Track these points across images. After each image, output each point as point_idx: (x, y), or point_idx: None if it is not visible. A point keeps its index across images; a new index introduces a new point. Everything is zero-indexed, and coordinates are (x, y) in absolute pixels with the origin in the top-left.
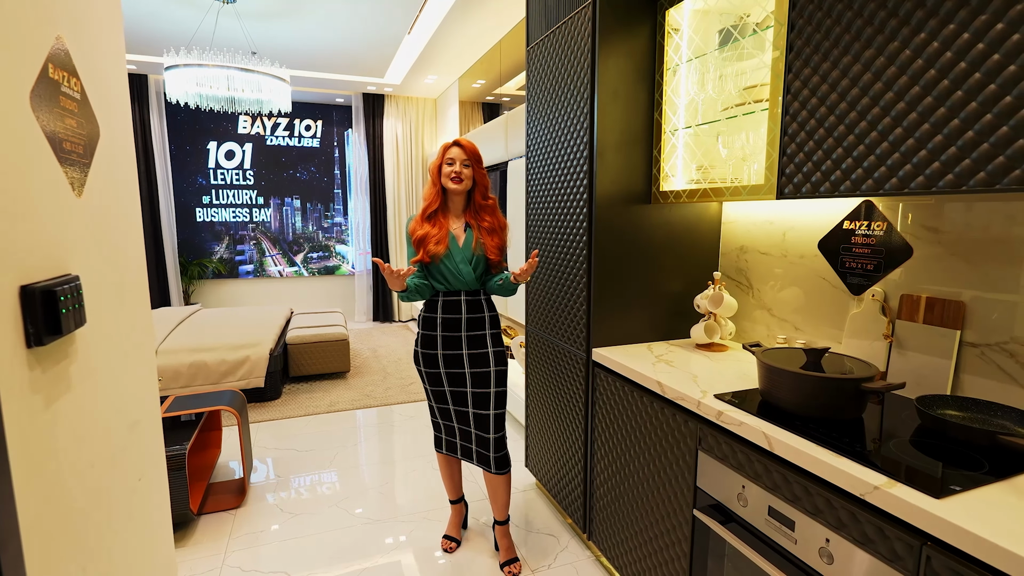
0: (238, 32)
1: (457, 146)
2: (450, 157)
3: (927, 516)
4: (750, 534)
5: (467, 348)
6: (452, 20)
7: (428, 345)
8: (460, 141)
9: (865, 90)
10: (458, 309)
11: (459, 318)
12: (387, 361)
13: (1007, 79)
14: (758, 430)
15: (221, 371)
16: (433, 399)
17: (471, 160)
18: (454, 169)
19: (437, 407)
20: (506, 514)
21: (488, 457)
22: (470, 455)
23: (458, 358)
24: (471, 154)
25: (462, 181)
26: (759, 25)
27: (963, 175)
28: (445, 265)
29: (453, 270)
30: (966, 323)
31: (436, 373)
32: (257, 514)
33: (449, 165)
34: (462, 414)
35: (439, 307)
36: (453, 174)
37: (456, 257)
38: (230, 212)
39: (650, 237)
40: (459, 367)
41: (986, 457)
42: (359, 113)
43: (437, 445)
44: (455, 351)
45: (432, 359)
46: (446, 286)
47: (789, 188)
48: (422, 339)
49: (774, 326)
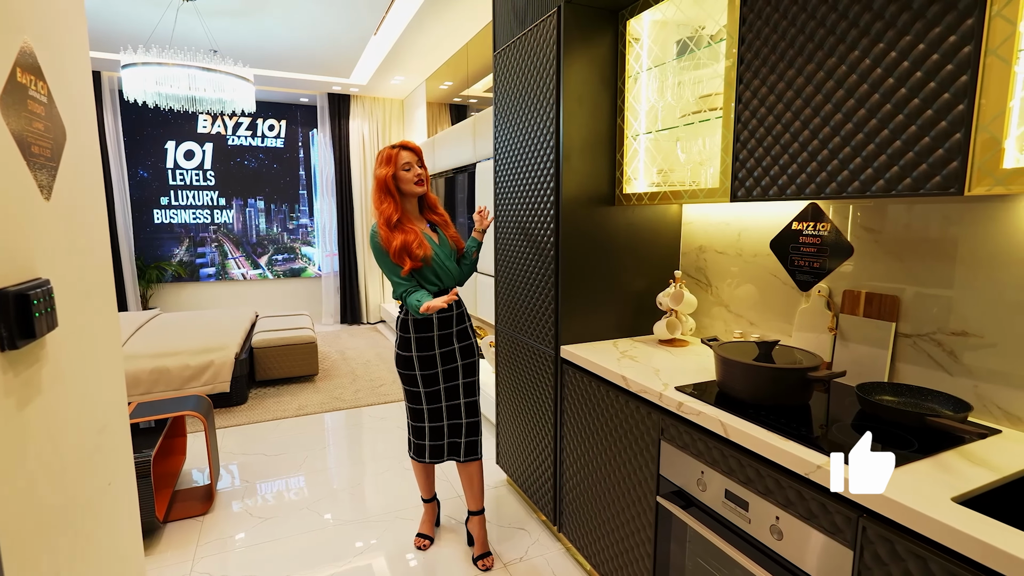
0: (198, 30)
1: (407, 150)
2: (406, 162)
3: None
4: (709, 517)
5: (458, 342)
6: (419, 22)
7: (425, 347)
8: (408, 144)
9: (807, 101)
10: (448, 308)
11: (451, 315)
12: (356, 363)
13: (927, 94)
14: (715, 419)
15: (184, 376)
16: (426, 401)
17: (421, 160)
18: (415, 173)
19: (428, 408)
20: (481, 504)
21: (471, 443)
22: (457, 449)
23: (451, 353)
24: (420, 154)
25: (423, 183)
26: (713, 37)
27: (892, 181)
28: (436, 265)
29: (444, 267)
30: (900, 316)
31: (434, 374)
32: (225, 520)
33: (407, 170)
34: (453, 408)
35: None
36: (417, 178)
37: (442, 255)
38: (190, 214)
39: (615, 238)
40: (453, 362)
41: (916, 437)
42: (324, 113)
43: (418, 454)
44: (449, 347)
45: (431, 360)
46: (438, 286)
47: (742, 192)
48: (417, 343)
49: (731, 321)
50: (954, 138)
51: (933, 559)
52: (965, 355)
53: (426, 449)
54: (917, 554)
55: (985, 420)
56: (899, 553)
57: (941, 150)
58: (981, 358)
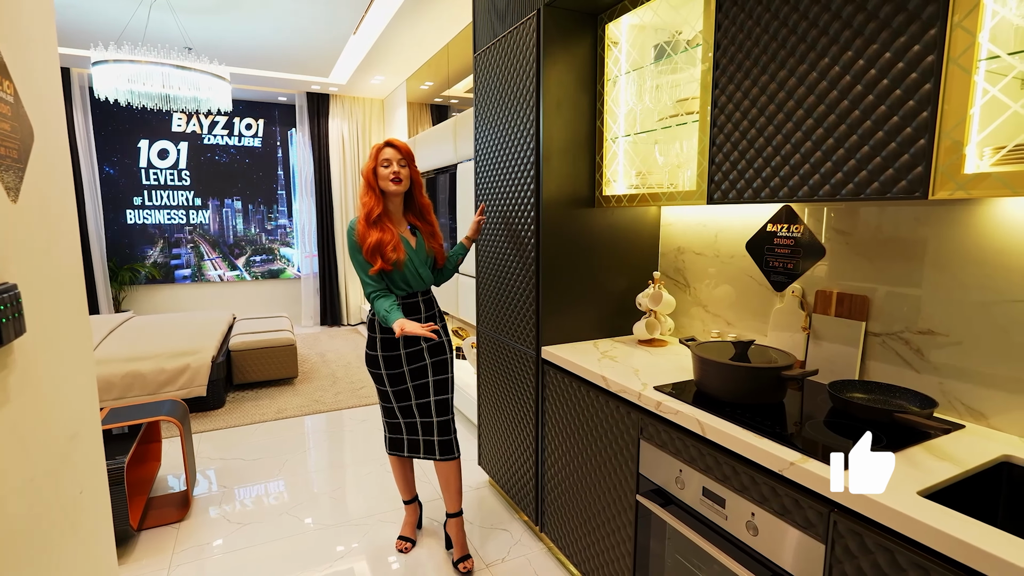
0: (172, 27)
1: (391, 147)
2: (385, 158)
3: None
4: (687, 514)
5: (426, 341)
6: (399, 22)
7: (390, 347)
8: (392, 141)
9: (780, 107)
10: (417, 310)
11: (419, 317)
12: (336, 366)
13: (894, 101)
14: (693, 417)
15: (159, 381)
16: (395, 399)
17: (406, 160)
18: (392, 170)
19: (399, 406)
20: (459, 506)
21: (445, 442)
22: (432, 448)
23: (418, 353)
24: (406, 154)
25: (401, 182)
26: (689, 43)
27: (861, 185)
28: (408, 271)
29: (415, 274)
30: (870, 315)
31: (399, 373)
32: (202, 527)
33: (385, 167)
34: (424, 406)
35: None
36: (392, 175)
37: (415, 261)
38: (164, 214)
39: (595, 239)
40: (420, 360)
41: (885, 433)
42: (303, 112)
43: (394, 447)
44: (415, 347)
45: (395, 360)
46: (406, 290)
47: (718, 194)
48: (383, 343)
49: (709, 321)
50: (919, 144)
51: (900, 551)
52: (931, 353)
53: (404, 443)
54: (885, 547)
55: (950, 416)
56: (868, 546)
57: (907, 155)
58: (946, 356)
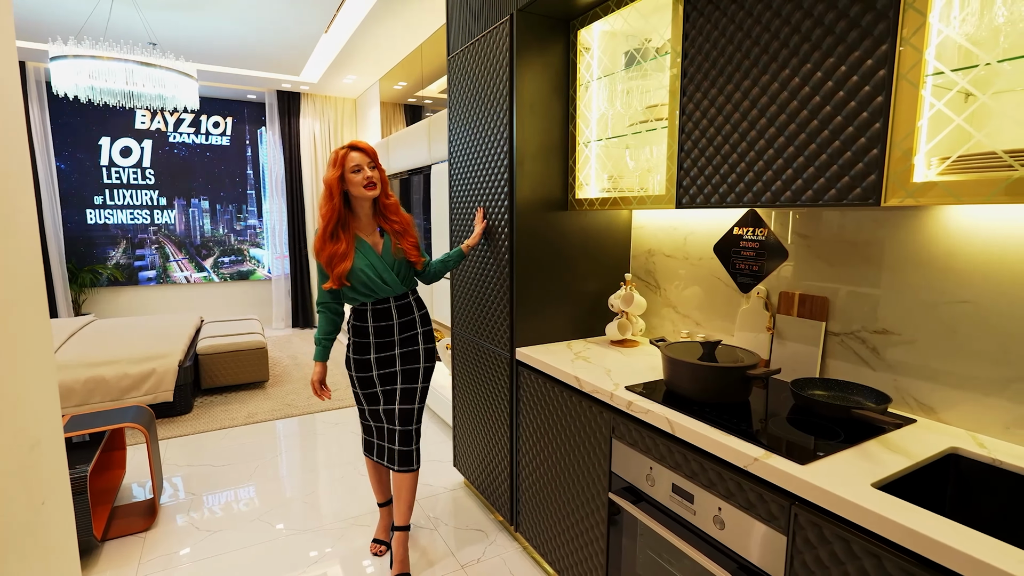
0: (135, 22)
1: (357, 151)
2: (355, 164)
3: (793, 480)
4: (658, 510)
5: (399, 348)
6: (372, 21)
7: (361, 351)
8: (357, 144)
9: (744, 115)
10: (389, 316)
11: (391, 324)
12: (309, 368)
13: (849, 112)
14: (662, 416)
15: (123, 386)
16: (364, 402)
17: (374, 161)
18: (364, 176)
19: (368, 409)
20: (407, 520)
21: (405, 453)
22: (392, 457)
23: (390, 359)
24: (372, 155)
25: (375, 186)
26: (658, 50)
27: (819, 191)
28: (366, 277)
29: (377, 282)
30: (830, 315)
31: (368, 376)
32: (169, 535)
33: (356, 172)
34: (388, 412)
35: (369, 316)
36: (366, 181)
37: (379, 268)
38: (127, 214)
39: (568, 242)
40: (391, 366)
41: (843, 428)
42: (273, 111)
43: (367, 449)
44: (387, 353)
45: (365, 364)
46: (373, 296)
47: (686, 199)
48: (354, 346)
49: (679, 322)
50: (872, 153)
51: (855, 540)
52: (886, 351)
53: (374, 446)
54: (841, 536)
55: (903, 411)
56: (826, 536)
57: (861, 164)
58: (900, 354)
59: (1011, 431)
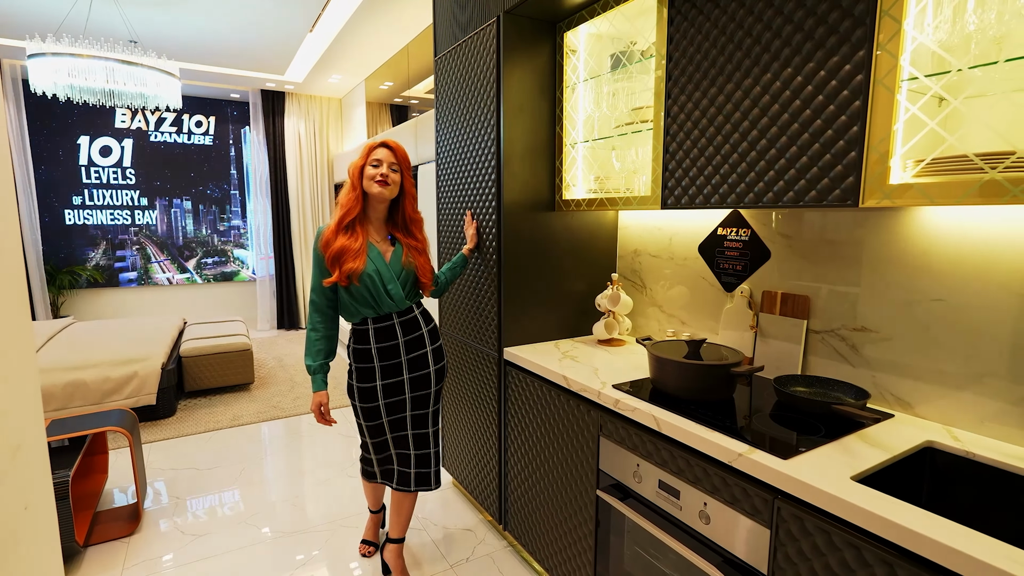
0: (116, 19)
1: (385, 147)
2: (376, 158)
3: (776, 474)
4: (645, 507)
5: (408, 372)
6: (357, 21)
7: (365, 379)
8: (388, 142)
9: (728, 118)
10: (393, 335)
11: (396, 344)
12: (295, 370)
13: (828, 116)
14: (649, 414)
15: (104, 390)
16: (368, 434)
17: (400, 164)
18: (380, 171)
19: (372, 442)
20: (404, 532)
21: (423, 474)
22: (407, 480)
23: (398, 385)
24: (401, 158)
25: (388, 185)
26: (644, 53)
27: (800, 193)
28: (371, 286)
29: (381, 291)
30: (811, 314)
31: (375, 407)
32: (153, 540)
33: (375, 167)
34: (400, 439)
35: (371, 336)
36: (379, 176)
37: (384, 276)
38: (107, 214)
39: (555, 242)
40: (400, 394)
41: (824, 423)
42: (257, 110)
43: (368, 477)
44: (395, 379)
45: (370, 393)
46: (375, 311)
47: (671, 200)
48: (357, 373)
49: (664, 321)
50: (850, 156)
51: (836, 532)
52: (865, 348)
53: (375, 474)
54: (823, 529)
55: (881, 406)
56: (808, 529)
57: (840, 166)
58: (878, 351)
59: (984, 425)
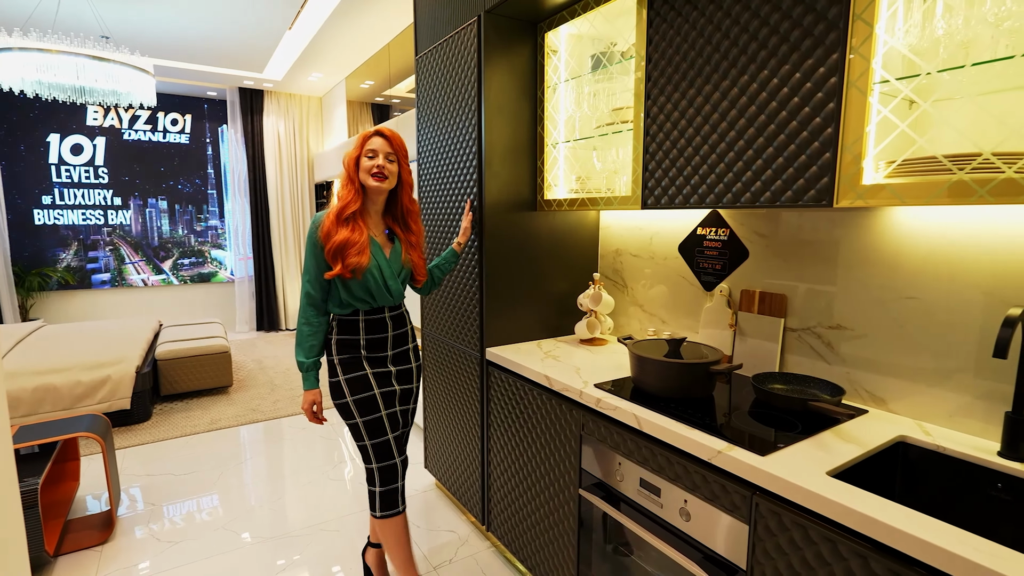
0: (87, 14)
1: (380, 136)
2: (371, 149)
3: (755, 471)
4: (626, 505)
5: (394, 365)
6: (337, 19)
7: (352, 368)
8: (383, 131)
9: (706, 119)
10: (383, 328)
11: (384, 337)
12: (274, 372)
13: (803, 118)
14: (630, 412)
15: (75, 394)
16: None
17: (397, 154)
18: (376, 163)
19: (373, 444)
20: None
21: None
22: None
23: (386, 376)
24: (398, 147)
25: (386, 178)
26: (624, 54)
27: (777, 193)
28: (372, 282)
29: (382, 287)
30: (788, 312)
31: (370, 397)
32: (128, 548)
33: (370, 158)
34: (399, 438)
35: (361, 328)
36: (376, 168)
37: (385, 272)
38: (79, 214)
39: (537, 242)
40: (388, 385)
41: (800, 420)
42: (235, 108)
43: (389, 505)
44: (382, 368)
45: (362, 382)
46: (370, 304)
47: (651, 200)
48: (342, 365)
49: (645, 320)
50: (824, 157)
51: (812, 527)
52: (840, 346)
53: (397, 493)
54: (799, 524)
55: (855, 402)
56: (785, 524)
57: (815, 167)
58: (853, 348)
59: (954, 419)
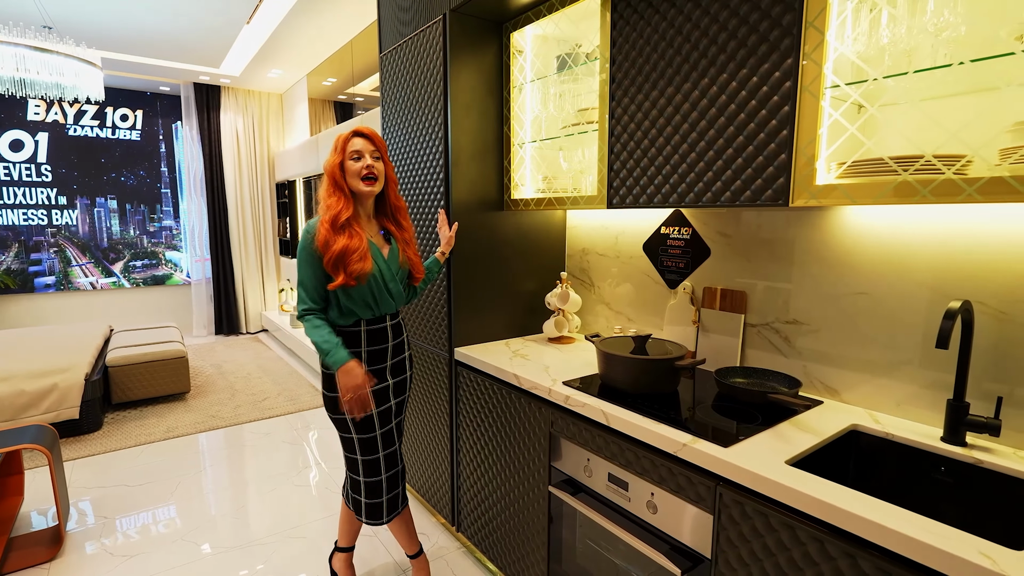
0: (27, 2)
1: (360, 136)
2: (355, 150)
3: (718, 462)
4: (595, 500)
5: (392, 377)
6: (298, 14)
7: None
8: (362, 130)
9: (668, 120)
10: (384, 338)
11: (385, 347)
12: (235, 377)
13: (760, 120)
14: (598, 409)
15: (18, 404)
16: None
17: (381, 152)
18: (365, 164)
19: (384, 455)
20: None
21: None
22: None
23: (383, 392)
24: (380, 144)
25: (376, 179)
26: (588, 56)
27: (736, 193)
28: (375, 286)
29: (384, 290)
30: (748, 308)
31: (367, 417)
32: (78, 564)
33: (356, 160)
34: (391, 456)
35: (363, 339)
36: (366, 170)
37: (385, 275)
38: (19, 214)
39: (504, 241)
40: (385, 402)
41: (761, 412)
42: (190, 104)
43: (375, 516)
44: (381, 384)
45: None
46: (373, 312)
47: (616, 199)
48: None
49: (612, 318)
50: (780, 158)
51: (772, 514)
52: (797, 340)
53: (399, 499)
54: (761, 512)
55: (811, 393)
56: (748, 513)
57: (771, 168)
58: (808, 342)
59: (902, 408)
